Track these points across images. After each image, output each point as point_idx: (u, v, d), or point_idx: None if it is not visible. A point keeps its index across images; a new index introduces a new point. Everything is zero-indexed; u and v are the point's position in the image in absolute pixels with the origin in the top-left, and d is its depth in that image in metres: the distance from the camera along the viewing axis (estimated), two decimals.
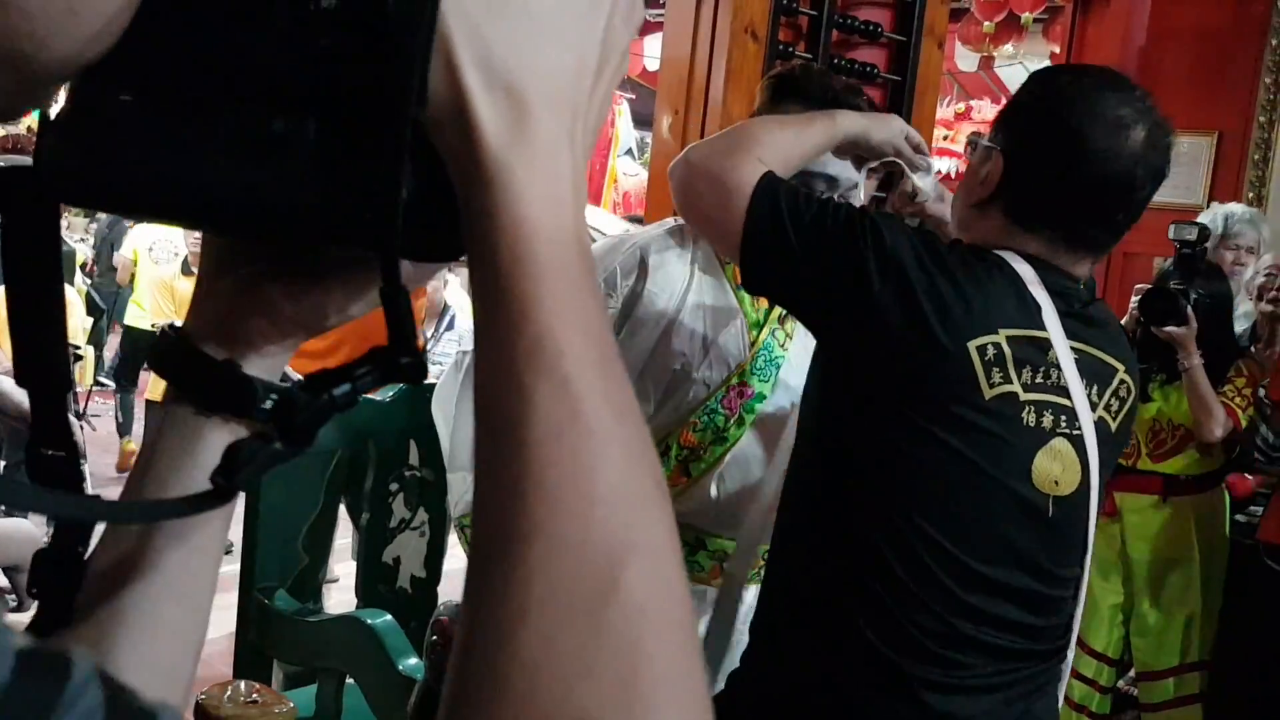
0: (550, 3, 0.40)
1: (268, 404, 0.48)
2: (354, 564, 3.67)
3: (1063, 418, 1.33)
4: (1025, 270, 1.34)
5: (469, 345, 1.92)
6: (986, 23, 5.85)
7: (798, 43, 3.09)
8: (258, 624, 2.10)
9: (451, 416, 1.90)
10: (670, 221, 1.87)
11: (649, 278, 1.76)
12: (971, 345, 1.28)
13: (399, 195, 0.39)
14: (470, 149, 0.39)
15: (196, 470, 0.48)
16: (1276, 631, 3.07)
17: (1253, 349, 3.37)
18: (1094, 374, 1.37)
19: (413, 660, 1.93)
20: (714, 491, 1.78)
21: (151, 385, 5.18)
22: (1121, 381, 1.42)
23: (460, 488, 1.87)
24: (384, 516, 2.39)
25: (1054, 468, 1.33)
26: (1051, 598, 1.39)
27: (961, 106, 8.62)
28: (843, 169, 1.65)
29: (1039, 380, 1.31)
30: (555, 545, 0.36)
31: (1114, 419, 1.41)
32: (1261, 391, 3.14)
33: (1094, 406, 1.36)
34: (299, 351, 0.53)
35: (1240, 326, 3.46)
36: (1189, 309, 3.01)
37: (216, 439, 0.48)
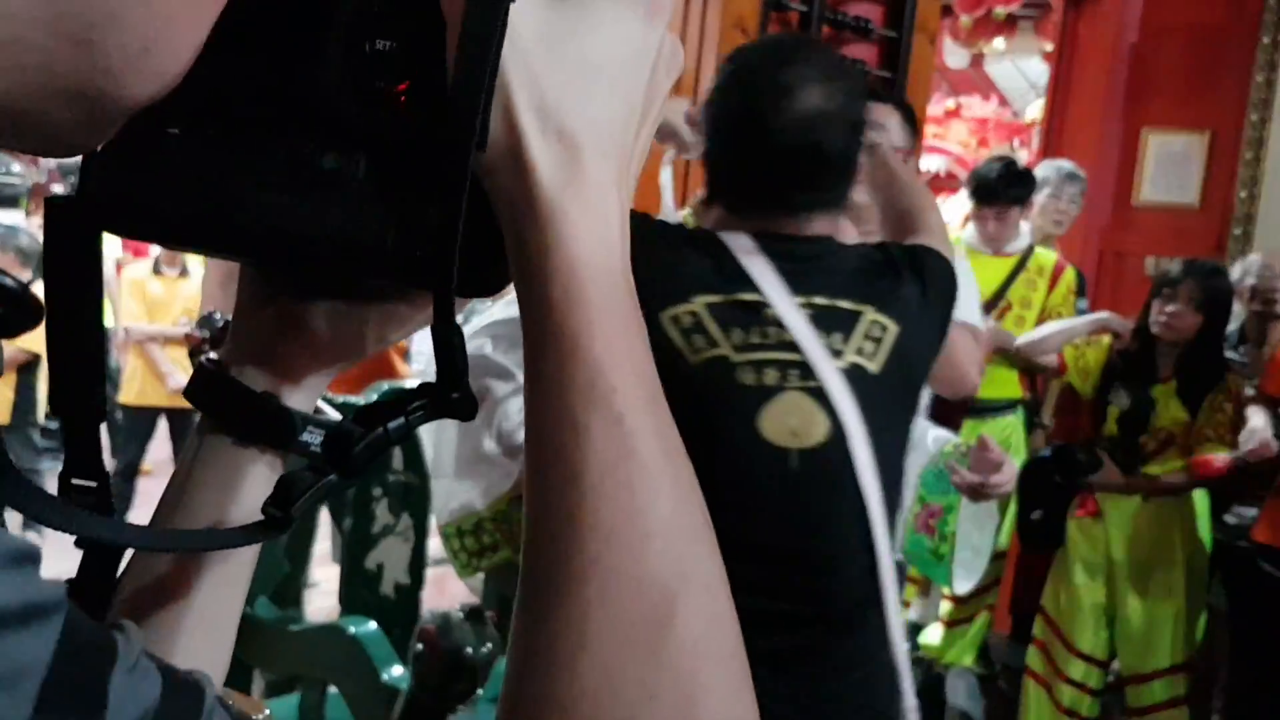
0: (602, 52, 0.42)
1: (305, 436, 0.49)
2: (334, 568, 3.63)
3: (793, 371, 1.34)
4: (741, 241, 1.36)
5: None
6: (964, 17, 5.84)
7: None
8: (238, 632, 2.07)
9: (433, 423, 1.86)
10: None
11: None
12: (664, 316, 1.32)
13: (458, 237, 0.39)
14: (525, 191, 0.40)
15: (230, 501, 0.49)
16: (1272, 634, 3.05)
17: (1239, 349, 3.36)
18: (833, 323, 1.37)
19: (397, 670, 1.90)
20: None
21: (124, 388, 5.07)
22: (873, 322, 1.39)
23: (443, 496, 1.83)
24: (367, 522, 2.36)
25: (789, 420, 1.34)
26: (831, 556, 1.37)
27: (952, 103, 8.55)
28: None
29: (755, 340, 1.34)
30: (612, 578, 0.37)
31: (872, 360, 1.38)
32: (1250, 392, 3.14)
33: (839, 354, 1.36)
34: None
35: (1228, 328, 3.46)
36: (1079, 457, 3.18)
37: (252, 470, 0.49)
